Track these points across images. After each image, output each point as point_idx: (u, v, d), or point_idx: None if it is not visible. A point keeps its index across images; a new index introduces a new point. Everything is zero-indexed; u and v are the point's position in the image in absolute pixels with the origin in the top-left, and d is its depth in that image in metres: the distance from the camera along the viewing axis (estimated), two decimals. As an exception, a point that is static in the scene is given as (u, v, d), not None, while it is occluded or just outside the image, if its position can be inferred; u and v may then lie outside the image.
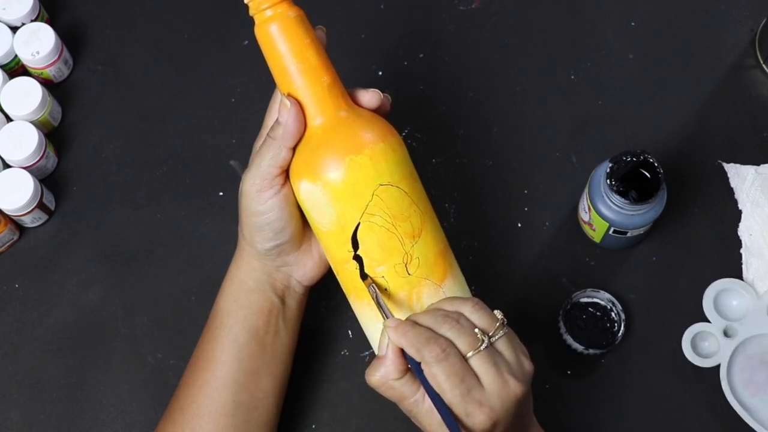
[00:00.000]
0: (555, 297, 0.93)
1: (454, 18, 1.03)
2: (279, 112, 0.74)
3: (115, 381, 0.92)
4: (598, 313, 0.92)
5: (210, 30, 1.03)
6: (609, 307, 0.92)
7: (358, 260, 0.74)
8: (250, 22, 0.74)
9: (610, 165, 0.86)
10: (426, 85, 1.00)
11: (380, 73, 1.01)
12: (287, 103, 0.73)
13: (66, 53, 1.00)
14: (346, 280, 0.76)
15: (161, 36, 1.03)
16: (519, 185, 0.97)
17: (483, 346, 0.69)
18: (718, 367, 0.90)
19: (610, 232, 0.90)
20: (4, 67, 0.98)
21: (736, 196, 0.96)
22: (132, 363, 0.92)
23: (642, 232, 0.91)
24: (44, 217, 0.96)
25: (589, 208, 0.90)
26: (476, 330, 0.70)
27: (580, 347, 0.90)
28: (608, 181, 0.86)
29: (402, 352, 0.70)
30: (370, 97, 0.76)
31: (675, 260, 0.95)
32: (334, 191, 0.73)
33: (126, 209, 0.97)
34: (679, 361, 0.91)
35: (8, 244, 0.96)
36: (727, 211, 0.96)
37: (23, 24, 0.98)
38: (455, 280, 0.76)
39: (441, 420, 0.68)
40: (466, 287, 0.78)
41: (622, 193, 0.87)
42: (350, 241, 0.74)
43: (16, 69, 0.99)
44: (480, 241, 0.95)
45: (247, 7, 0.74)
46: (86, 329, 0.94)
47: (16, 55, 0.98)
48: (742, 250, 0.94)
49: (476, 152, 0.98)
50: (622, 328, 0.91)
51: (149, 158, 0.99)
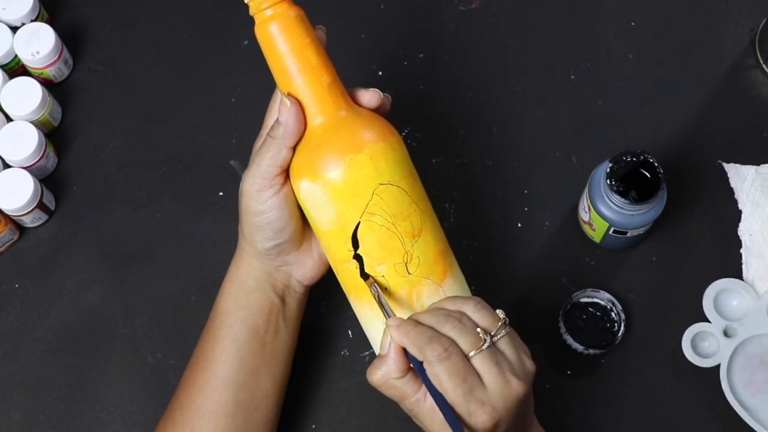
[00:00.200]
0: (555, 297, 0.93)
1: (454, 18, 1.03)
2: (279, 112, 0.74)
3: (115, 381, 0.92)
4: (598, 313, 0.92)
5: (210, 30, 1.03)
6: (609, 307, 0.92)
7: (359, 259, 0.74)
8: (250, 22, 0.74)
9: (610, 165, 0.86)
10: (426, 85, 1.00)
11: (380, 73, 1.01)
12: (287, 102, 0.73)
13: (66, 53, 0.99)
14: (346, 280, 0.76)
15: (161, 36, 1.03)
16: (519, 185, 0.97)
17: (485, 346, 0.69)
18: (718, 367, 0.90)
19: (610, 232, 0.90)
20: (4, 67, 0.98)
21: (736, 196, 0.96)
22: (132, 363, 0.92)
23: (642, 232, 0.91)
24: (44, 217, 0.96)
25: (589, 208, 0.90)
26: (478, 329, 0.69)
27: (580, 347, 0.90)
28: (608, 181, 0.86)
29: (404, 351, 0.70)
30: (370, 96, 0.76)
31: (675, 260, 0.95)
32: (334, 190, 0.73)
33: (126, 209, 0.97)
34: (679, 361, 0.91)
35: (8, 244, 0.95)
36: (727, 211, 0.96)
37: (23, 24, 0.98)
38: (455, 279, 0.76)
39: (442, 419, 0.68)
40: (466, 287, 0.78)
41: (622, 193, 0.87)
42: (350, 241, 0.74)
43: (16, 69, 0.99)
44: (480, 241, 0.95)
45: (247, 6, 0.74)
46: (86, 329, 0.93)
47: (16, 55, 0.98)
48: (742, 250, 0.94)
49: (476, 152, 0.98)
50: (622, 328, 0.91)
51: (149, 158, 0.99)
